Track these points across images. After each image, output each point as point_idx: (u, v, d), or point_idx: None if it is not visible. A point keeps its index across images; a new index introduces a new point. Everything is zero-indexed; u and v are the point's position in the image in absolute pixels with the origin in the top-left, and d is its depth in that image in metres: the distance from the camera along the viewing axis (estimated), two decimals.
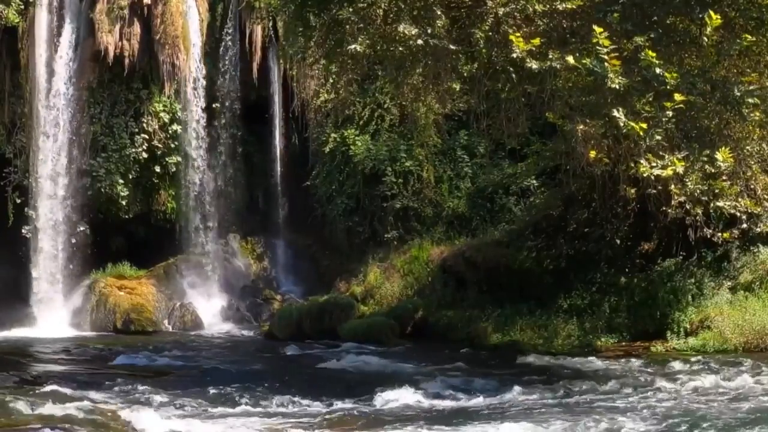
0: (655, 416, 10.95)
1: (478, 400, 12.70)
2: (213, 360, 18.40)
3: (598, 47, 10.84)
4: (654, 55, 10.95)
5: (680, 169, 11.33)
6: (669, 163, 11.28)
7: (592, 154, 12.40)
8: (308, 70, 25.66)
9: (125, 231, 27.47)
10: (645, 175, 11.47)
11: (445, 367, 15.90)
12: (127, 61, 26.16)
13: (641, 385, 13.47)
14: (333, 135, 25.86)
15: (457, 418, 11.29)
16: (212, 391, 13.47)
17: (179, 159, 26.95)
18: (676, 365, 15.05)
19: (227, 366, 17.32)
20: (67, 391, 12.64)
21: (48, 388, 12.98)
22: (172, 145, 26.82)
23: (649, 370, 14.92)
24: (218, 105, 27.55)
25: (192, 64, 26.80)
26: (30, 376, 15.27)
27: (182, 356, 18.72)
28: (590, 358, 16.23)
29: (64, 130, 26.18)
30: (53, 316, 25.44)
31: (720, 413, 10.98)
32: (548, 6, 12.08)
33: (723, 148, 11.73)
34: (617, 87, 11.01)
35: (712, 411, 11.16)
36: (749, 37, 11.59)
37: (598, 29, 10.79)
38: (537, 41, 11.62)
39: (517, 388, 13.17)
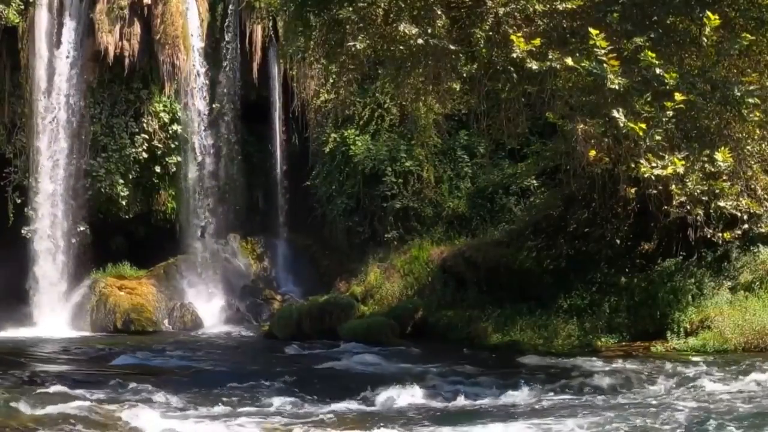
0: (656, 416, 10.94)
1: (478, 400, 12.70)
2: (213, 360, 18.41)
3: (595, 49, 10.84)
4: (654, 55, 10.95)
5: (680, 169, 11.32)
6: (669, 163, 11.28)
7: (593, 153, 12.39)
8: (308, 70, 25.70)
9: (125, 231, 27.50)
10: (646, 175, 11.47)
11: (445, 367, 15.89)
12: (127, 61, 26.19)
13: (641, 385, 13.47)
14: (333, 135, 25.86)
15: (457, 418, 11.28)
16: (212, 391, 13.47)
17: (179, 159, 26.98)
18: (677, 365, 15.04)
19: (227, 366, 17.33)
20: (67, 391, 12.63)
21: (48, 388, 12.97)
22: (172, 145, 26.85)
23: (649, 370, 14.91)
24: (218, 105, 27.57)
25: (192, 64, 26.81)
26: (30, 376, 15.25)
27: (182, 356, 18.72)
28: (590, 358, 16.22)
29: (64, 130, 26.21)
30: (53, 316, 25.46)
31: (722, 413, 10.98)
32: (548, 6, 12.08)
33: (723, 148, 11.73)
34: (617, 87, 11.01)
35: (713, 411, 11.16)
36: (749, 36, 11.59)
37: (594, 31, 10.80)
38: (537, 41, 11.62)
39: (517, 389, 13.17)
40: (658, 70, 10.97)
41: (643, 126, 10.94)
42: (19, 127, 26.52)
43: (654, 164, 11.32)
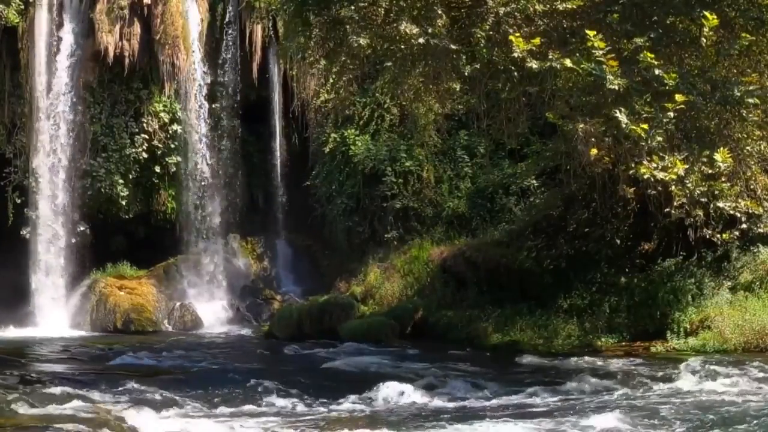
0: (656, 416, 10.94)
1: (478, 400, 12.70)
2: (213, 360, 18.39)
3: (593, 50, 10.85)
4: (653, 55, 10.96)
5: (681, 171, 11.33)
6: (670, 165, 11.28)
7: (594, 152, 12.38)
8: (308, 70, 25.68)
9: (125, 231, 27.50)
10: (646, 176, 11.47)
11: (445, 367, 15.89)
12: (127, 61, 26.19)
13: (641, 385, 13.46)
14: (333, 135, 25.87)
15: (457, 418, 11.29)
16: (212, 391, 13.47)
17: (179, 159, 26.98)
18: (676, 365, 15.02)
19: (227, 366, 17.32)
20: (67, 391, 12.63)
21: (48, 388, 12.97)
22: (172, 145, 26.85)
23: (649, 370, 14.91)
24: (218, 105, 27.57)
25: (192, 64, 26.81)
26: (30, 376, 15.24)
27: (182, 356, 18.71)
28: (590, 358, 16.22)
29: (64, 130, 26.21)
30: (53, 316, 25.46)
31: (721, 413, 10.98)
32: (548, 6, 12.09)
33: (722, 148, 11.73)
34: (616, 88, 11.02)
35: (713, 411, 11.16)
36: (749, 36, 11.60)
37: (591, 32, 10.81)
38: (537, 41, 11.63)
39: (517, 388, 13.18)
40: (657, 71, 10.98)
41: (645, 127, 10.95)
42: (19, 127, 26.52)
43: (655, 165, 11.33)
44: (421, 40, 12.69)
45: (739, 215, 16.46)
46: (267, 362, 17.91)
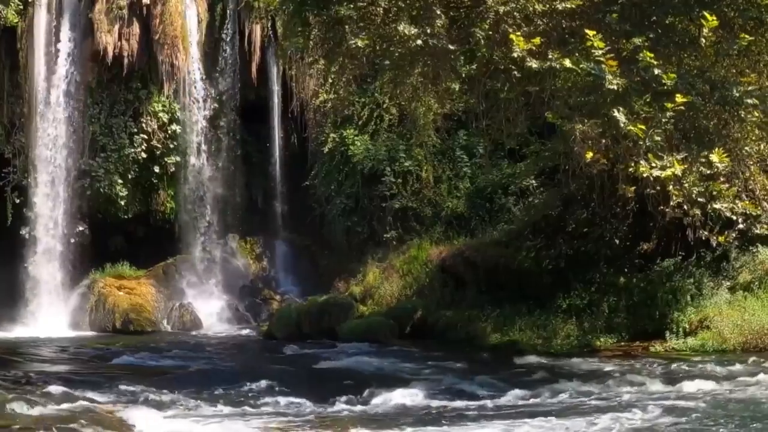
0: (654, 416, 10.95)
1: (477, 401, 12.70)
2: (212, 360, 18.42)
3: (593, 49, 10.86)
4: (652, 55, 10.97)
5: (679, 171, 11.34)
6: (668, 164, 11.29)
7: (589, 154, 12.39)
8: (307, 70, 25.71)
9: (124, 231, 27.49)
10: (644, 175, 11.48)
11: (444, 367, 15.91)
12: (126, 61, 26.19)
13: (640, 385, 13.47)
14: (332, 135, 25.87)
15: (455, 419, 11.30)
16: (212, 391, 13.48)
17: (178, 159, 26.98)
18: (675, 365, 15.06)
19: (226, 366, 17.35)
20: (67, 391, 12.64)
21: (48, 388, 12.97)
22: (171, 145, 26.85)
23: (648, 370, 14.94)
24: (217, 105, 27.57)
25: (191, 64, 26.81)
26: (30, 376, 15.25)
27: (181, 356, 18.73)
28: (589, 359, 16.25)
29: (63, 130, 26.21)
30: (53, 316, 25.45)
31: (719, 413, 10.99)
32: (548, 6, 12.10)
33: (719, 149, 11.75)
34: (615, 88, 11.03)
35: (711, 411, 11.17)
36: (748, 36, 11.61)
37: (590, 32, 10.82)
38: (537, 41, 11.64)
39: (516, 389, 13.17)
40: (656, 71, 10.99)
41: (643, 127, 10.96)
42: (18, 127, 26.53)
43: (653, 164, 11.34)
44: (419, 42, 12.70)
45: (735, 217, 16.46)
46: (266, 362, 17.91)
